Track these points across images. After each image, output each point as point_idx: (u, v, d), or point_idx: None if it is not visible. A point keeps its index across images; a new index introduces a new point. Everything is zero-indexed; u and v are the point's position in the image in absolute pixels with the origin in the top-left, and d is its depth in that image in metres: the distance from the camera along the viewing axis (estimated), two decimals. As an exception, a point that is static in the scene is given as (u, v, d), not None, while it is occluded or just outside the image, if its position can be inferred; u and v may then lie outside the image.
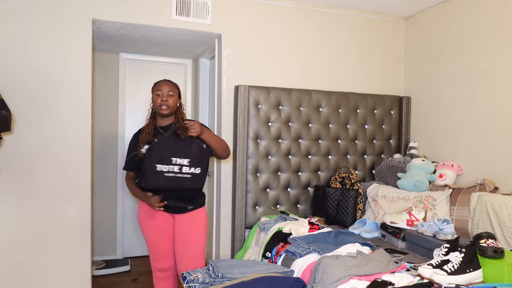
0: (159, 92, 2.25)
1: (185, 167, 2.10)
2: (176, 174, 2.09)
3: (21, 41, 2.51)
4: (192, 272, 1.97)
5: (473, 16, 2.90)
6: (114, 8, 2.71)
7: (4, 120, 2.01)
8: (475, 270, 1.77)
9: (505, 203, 2.33)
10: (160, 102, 2.23)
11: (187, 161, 2.10)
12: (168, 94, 2.25)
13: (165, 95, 2.24)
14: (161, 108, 2.23)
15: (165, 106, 2.23)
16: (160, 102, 2.23)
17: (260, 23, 3.12)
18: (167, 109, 2.25)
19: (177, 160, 2.09)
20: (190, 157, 2.11)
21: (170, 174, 2.08)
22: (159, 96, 2.24)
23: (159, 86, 2.27)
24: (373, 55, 3.50)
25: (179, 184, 2.10)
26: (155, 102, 2.26)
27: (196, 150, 2.14)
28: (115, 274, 3.60)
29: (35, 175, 2.55)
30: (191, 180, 2.12)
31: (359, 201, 3.00)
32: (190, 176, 2.11)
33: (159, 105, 2.24)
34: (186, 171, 2.11)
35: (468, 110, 2.94)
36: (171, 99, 2.25)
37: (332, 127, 3.25)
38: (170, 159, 2.08)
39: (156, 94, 2.25)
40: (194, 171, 2.12)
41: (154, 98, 2.26)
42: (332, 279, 1.70)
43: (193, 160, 2.12)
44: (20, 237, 2.53)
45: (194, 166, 2.12)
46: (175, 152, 2.10)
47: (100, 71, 3.86)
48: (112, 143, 3.94)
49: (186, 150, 2.12)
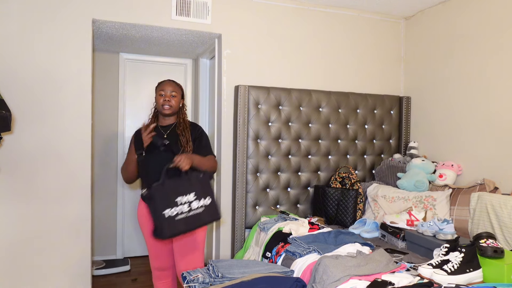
0: (162, 92, 2.26)
1: (193, 202, 1.97)
2: (188, 214, 1.94)
3: (21, 41, 2.51)
4: (192, 272, 1.97)
5: (473, 16, 2.90)
6: (114, 8, 2.71)
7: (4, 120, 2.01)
8: (475, 270, 1.77)
9: (505, 203, 2.33)
10: (163, 102, 2.25)
11: (193, 195, 1.97)
12: (171, 95, 2.26)
13: (168, 95, 2.26)
14: (163, 108, 2.25)
15: (167, 106, 2.25)
16: (162, 102, 2.25)
17: (260, 23, 3.12)
18: (169, 109, 2.26)
19: (182, 198, 1.95)
20: (195, 190, 1.99)
21: (182, 216, 1.93)
22: (162, 96, 2.26)
23: (163, 86, 2.28)
24: (373, 55, 3.50)
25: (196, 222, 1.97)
26: (157, 102, 2.28)
27: (196, 182, 2.02)
28: (115, 274, 3.60)
29: (35, 175, 2.55)
30: (206, 213, 1.99)
31: (359, 201, 3.00)
32: (204, 208, 1.99)
33: (161, 105, 2.25)
34: (196, 206, 1.97)
35: (468, 110, 2.94)
36: (173, 99, 2.27)
37: (332, 127, 3.25)
38: (174, 201, 1.93)
39: (159, 93, 2.26)
40: (204, 203, 2.00)
41: (157, 97, 2.28)
42: (332, 279, 1.70)
43: (198, 192, 2.00)
44: (20, 236, 2.53)
45: (203, 197, 2.00)
46: (176, 192, 1.96)
47: (100, 71, 3.86)
48: (112, 143, 3.94)
49: (186, 185, 1.99)
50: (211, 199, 2.02)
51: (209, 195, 2.01)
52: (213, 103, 3.31)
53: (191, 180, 2.01)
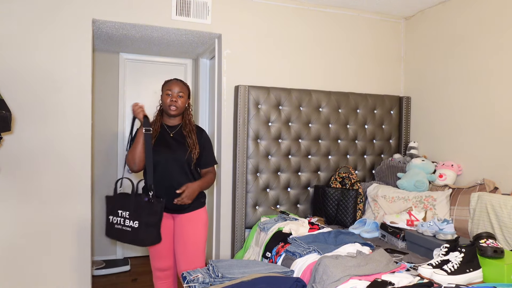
0: (169, 91, 2.23)
1: (126, 220, 2.08)
2: (122, 227, 2.09)
3: (21, 41, 2.51)
4: (192, 272, 1.97)
5: (473, 16, 2.90)
6: (114, 8, 2.71)
7: (4, 120, 2.01)
8: (475, 270, 1.77)
9: (505, 203, 2.33)
10: (170, 102, 2.22)
11: (127, 213, 2.08)
12: (178, 95, 2.23)
13: (175, 96, 2.23)
14: (170, 108, 2.22)
15: (174, 107, 2.22)
16: (169, 102, 2.22)
17: (260, 23, 3.12)
18: (176, 110, 2.24)
19: (122, 212, 2.09)
20: (129, 210, 2.08)
21: (118, 226, 2.10)
22: (168, 96, 2.22)
23: (170, 86, 2.24)
24: (373, 55, 3.50)
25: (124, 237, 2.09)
26: (164, 101, 2.24)
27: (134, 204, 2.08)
28: (115, 274, 3.60)
29: (35, 175, 2.55)
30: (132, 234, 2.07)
31: (359, 201, 3.00)
32: (130, 229, 2.07)
33: (168, 105, 2.22)
34: (127, 224, 2.08)
35: (468, 110, 2.94)
36: (180, 100, 2.24)
37: (332, 127, 3.25)
38: (117, 211, 2.10)
39: (166, 93, 2.23)
40: (132, 224, 2.07)
41: (164, 97, 2.24)
42: (332, 279, 1.70)
43: (131, 213, 2.07)
44: (20, 236, 2.53)
45: (133, 220, 2.07)
46: (120, 205, 2.10)
47: (100, 71, 3.86)
48: (112, 143, 3.94)
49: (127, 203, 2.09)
50: (138, 224, 2.06)
51: (138, 221, 2.06)
52: (213, 103, 3.31)
53: (133, 199, 2.10)
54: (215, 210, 3.16)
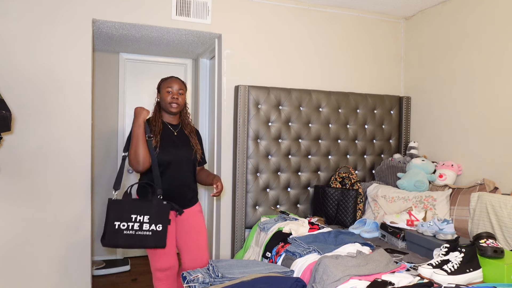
0: (169, 89, 2.22)
1: (145, 224, 2.05)
2: (136, 232, 2.03)
3: (21, 41, 2.51)
4: (192, 272, 1.98)
5: (473, 16, 2.90)
6: (114, 8, 2.71)
7: (4, 120, 2.01)
8: (475, 270, 1.77)
9: (505, 203, 2.33)
10: (171, 99, 2.21)
11: (147, 218, 2.05)
12: (178, 92, 2.24)
13: (175, 93, 2.23)
14: (171, 106, 2.22)
15: (176, 104, 2.23)
16: (170, 99, 2.21)
17: (260, 23, 3.12)
18: (177, 107, 2.24)
19: (137, 217, 2.04)
20: (150, 214, 2.06)
21: (130, 232, 2.03)
22: (169, 93, 2.22)
23: (170, 83, 2.24)
24: (373, 55, 3.50)
25: (138, 243, 2.05)
26: (164, 99, 2.23)
27: (155, 208, 2.08)
28: (115, 274, 3.60)
29: (35, 175, 2.55)
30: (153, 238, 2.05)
31: (359, 201, 3.00)
32: (151, 233, 2.05)
33: (169, 103, 2.21)
34: (146, 228, 2.05)
35: (468, 110, 2.94)
36: (181, 97, 2.25)
37: (332, 127, 3.25)
38: (129, 216, 2.04)
39: (167, 91, 2.22)
40: (155, 228, 2.06)
41: (164, 94, 2.23)
42: (332, 279, 1.70)
43: (153, 217, 2.06)
44: (20, 236, 2.53)
45: (155, 223, 2.06)
46: (133, 209, 2.05)
47: (100, 71, 3.86)
48: (112, 143, 3.94)
49: (145, 207, 2.07)
50: (162, 227, 2.06)
51: (161, 224, 2.06)
52: (213, 103, 3.31)
53: (152, 204, 2.08)
54: (215, 210, 3.16)
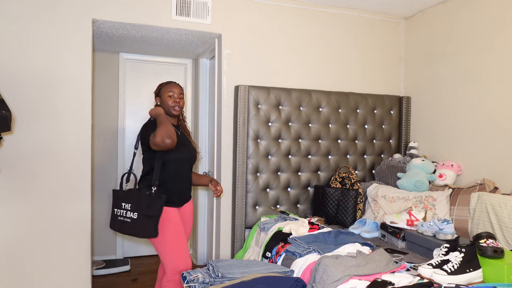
0: (171, 93, 2.33)
1: (128, 212, 2.18)
2: (123, 219, 2.19)
3: (21, 41, 2.51)
4: (192, 272, 1.98)
5: (473, 16, 2.90)
6: (114, 8, 2.71)
7: (4, 120, 2.01)
8: (475, 270, 1.77)
9: (505, 203, 2.33)
10: (173, 103, 2.32)
11: (129, 206, 2.18)
12: (179, 96, 2.35)
13: (177, 97, 2.34)
14: (174, 109, 2.33)
15: (178, 107, 2.34)
16: (173, 103, 2.32)
17: (260, 23, 3.12)
18: (179, 110, 2.36)
19: (124, 205, 2.20)
20: (131, 202, 2.18)
21: (121, 218, 2.20)
22: (171, 97, 2.32)
23: (171, 87, 2.34)
24: (373, 55, 3.50)
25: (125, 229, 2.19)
26: (166, 102, 2.32)
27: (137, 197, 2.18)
28: (115, 274, 3.60)
29: (35, 175, 2.55)
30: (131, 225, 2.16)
31: (359, 201, 3.00)
32: (130, 220, 2.17)
33: (171, 106, 2.32)
34: (128, 216, 2.17)
35: (468, 110, 2.94)
36: (181, 101, 2.37)
37: (332, 127, 3.25)
38: (121, 203, 2.21)
39: (168, 95, 2.32)
40: (131, 216, 2.16)
41: (166, 98, 2.33)
42: (332, 279, 1.70)
43: (133, 205, 2.17)
44: (20, 237, 2.53)
45: (133, 211, 2.16)
46: (123, 198, 2.21)
47: (100, 71, 3.86)
48: (112, 143, 3.94)
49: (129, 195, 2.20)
50: (138, 216, 2.15)
51: (137, 212, 2.15)
52: (213, 103, 3.31)
53: (135, 193, 2.20)
54: (215, 210, 3.16)
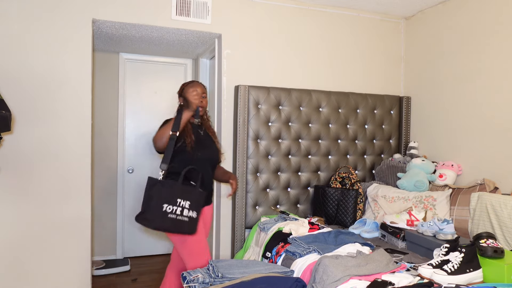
0: (195, 92, 2.27)
1: (185, 210, 2.04)
2: (177, 217, 2.02)
3: (21, 41, 2.51)
4: (192, 272, 1.97)
5: (473, 16, 2.90)
6: (114, 8, 2.71)
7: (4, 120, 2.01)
8: (475, 270, 1.77)
9: (505, 203, 2.33)
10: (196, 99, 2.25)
11: (188, 203, 2.05)
12: (202, 96, 2.34)
13: (200, 96, 2.31)
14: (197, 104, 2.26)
15: (201, 108, 2.35)
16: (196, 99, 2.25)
17: (260, 23, 3.12)
18: (202, 110, 2.37)
19: (181, 202, 2.04)
20: (191, 200, 2.07)
21: (172, 216, 2.01)
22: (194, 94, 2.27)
23: (195, 86, 2.30)
24: (373, 55, 3.50)
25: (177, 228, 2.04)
26: (189, 100, 2.24)
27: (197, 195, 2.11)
28: (115, 274, 3.60)
29: (35, 175, 2.55)
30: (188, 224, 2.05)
31: (359, 201, 3.00)
32: (188, 219, 2.05)
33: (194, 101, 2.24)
34: (186, 214, 2.04)
35: (468, 110, 2.94)
36: (204, 100, 2.36)
37: (332, 127, 3.25)
38: (176, 200, 2.03)
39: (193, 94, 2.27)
40: (191, 215, 2.06)
41: (190, 96, 2.25)
42: (332, 279, 1.70)
43: (193, 204, 2.07)
44: (20, 237, 2.53)
45: (192, 210, 2.07)
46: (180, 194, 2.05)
47: (100, 71, 3.86)
48: (112, 143, 3.94)
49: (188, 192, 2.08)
50: (197, 215, 2.09)
51: (196, 211, 2.09)
52: (213, 103, 3.31)
53: (194, 191, 2.11)
54: (215, 210, 3.16)
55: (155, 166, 4.09)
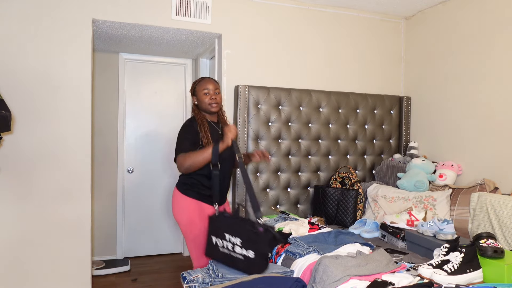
0: (206, 90, 2.29)
1: (237, 247, 1.90)
2: (230, 252, 1.93)
3: (21, 41, 2.51)
4: (192, 272, 1.97)
5: (473, 16, 2.90)
6: (114, 8, 2.71)
7: (4, 120, 2.01)
8: (475, 270, 1.77)
9: (505, 203, 2.33)
10: (209, 100, 2.29)
11: (239, 240, 1.90)
12: (215, 92, 2.31)
13: (213, 93, 2.30)
14: (211, 106, 2.30)
15: (215, 104, 2.30)
16: (209, 100, 2.29)
17: (260, 23, 3.12)
18: (217, 106, 2.32)
19: (230, 237, 1.92)
20: (241, 237, 1.89)
21: (224, 250, 1.95)
22: (207, 95, 2.29)
23: (206, 84, 2.30)
24: (373, 55, 3.50)
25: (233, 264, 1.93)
26: (203, 101, 2.29)
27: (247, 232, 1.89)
28: (115, 274, 3.60)
29: (35, 175, 2.55)
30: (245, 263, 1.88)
31: (359, 201, 3.00)
32: (243, 258, 1.89)
33: (208, 103, 2.29)
34: (238, 252, 1.90)
35: (468, 110, 2.94)
36: (218, 96, 2.32)
37: (332, 127, 3.25)
38: (223, 234, 1.95)
39: (204, 92, 2.29)
40: (246, 253, 1.87)
41: (202, 96, 2.29)
42: (332, 279, 1.69)
43: (244, 241, 1.88)
44: (20, 237, 2.53)
45: (246, 248, 1.87)
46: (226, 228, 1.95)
47: (100, 71, 3.86)
48: (112, 143, 3.94)
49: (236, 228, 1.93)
50: (255, 255, 1.86)
51: (253, 250, 1.86)
52: (213, 103, 3.31)
53: (243, 227, 1.93)
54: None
55: (155, 166, 4.09)
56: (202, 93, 2.29)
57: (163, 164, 4.11)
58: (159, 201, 4.12)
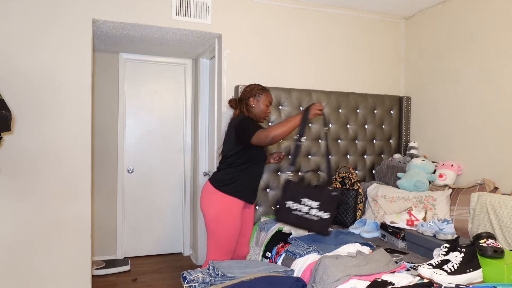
0: (268, 103, 2.45)
1: (314, 209, 2.15)
2: (304, 215, 2.14)
3: (21, 41, 2.51)
4: (192, 272, 1.97)
5: (473, 16, 2.90)
6: (114, 8, 2.72)
7: (4, 120, 2.01)
8: (475, 270, 1.77)
9: (505, 203, 2.33)
10: (267, 113, 2.46)
11: (317, 204, 2.15)
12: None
13: (270, 109, 2.47)
14: (265, 118, 2.46)
15: (267, 118, 2.51)
16: (266, 113, 2.46)
17: (260, 23, 3.12)
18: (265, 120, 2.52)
19: (307, 201, 2.16)
20: (321, 201, 2.16)
21: (298, 213, 2.15)
22: (268, 107, 2.45)
23: (270, 98, 2.46)
24: (373, 55, 3.50)
25: (304, 224, 2.16)
26: (262, 110, 2.43)
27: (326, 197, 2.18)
28: (115, 274, 3.60)
29: (35, 175, 2.55)
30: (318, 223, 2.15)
31: (359, 201, 3.00)
32: (318, 219, 2.14)
33: (264, 115, 2.45)
34: (314, 213, 2.15)
35: (468, 110, 2.94)
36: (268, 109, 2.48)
37: (332, 127, 3.25)
38: (300, 199, 2.16)
39: (266, 104, 2.44)
40: (321, 215, 2.15)
41: (264, 107, 2.43)
42: (332, 279, 1.70)
43: (323, 205, 2.15)
44: (20, 237, 2.53)
45: (323, 211, 2.15)
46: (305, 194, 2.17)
47: (100, 71, 3.86)
48: (112, 143, 3.94)
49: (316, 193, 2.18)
50: (329, 216, 2.15)
51: (329, 212, 2.15)
52: (213, 103, 3.31)
53: (322, 192, 2.18)
54: (215, 210, 3.16)
55: (155, 166, 4.10)
56: (265, 103, 2.43)
57: (163, 164, 4.11)
58: (159, 201, 4.12)
